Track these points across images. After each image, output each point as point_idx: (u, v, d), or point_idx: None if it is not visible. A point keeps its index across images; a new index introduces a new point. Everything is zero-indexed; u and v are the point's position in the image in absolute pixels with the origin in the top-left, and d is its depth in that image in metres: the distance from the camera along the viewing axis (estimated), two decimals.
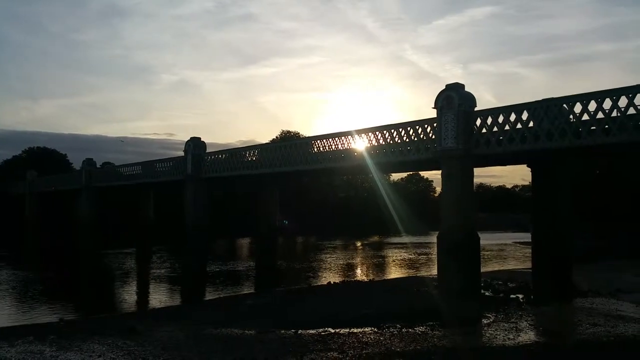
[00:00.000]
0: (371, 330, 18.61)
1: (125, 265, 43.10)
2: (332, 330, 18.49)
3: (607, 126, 22.06)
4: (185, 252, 44.24)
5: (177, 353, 15.32)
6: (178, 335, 17.90)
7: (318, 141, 37.40)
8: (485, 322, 20.43)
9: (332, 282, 32.83)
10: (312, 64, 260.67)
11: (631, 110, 21.49)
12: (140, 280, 36.79)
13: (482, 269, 31.16)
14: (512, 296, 26.58)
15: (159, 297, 28.99)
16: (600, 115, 22.40)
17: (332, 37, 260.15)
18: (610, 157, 60.80)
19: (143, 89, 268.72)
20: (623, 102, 21.68)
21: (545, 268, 28.94)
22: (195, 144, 46.03)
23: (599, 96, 22.40)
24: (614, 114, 21.93)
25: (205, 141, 46.68)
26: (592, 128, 22.58)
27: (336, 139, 35.61)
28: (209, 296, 29.59)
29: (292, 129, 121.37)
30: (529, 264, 33.13)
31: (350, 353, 15.23)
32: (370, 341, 16.85)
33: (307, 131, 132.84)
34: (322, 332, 18.30)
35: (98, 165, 69.32)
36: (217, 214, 67.12)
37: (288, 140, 62.41)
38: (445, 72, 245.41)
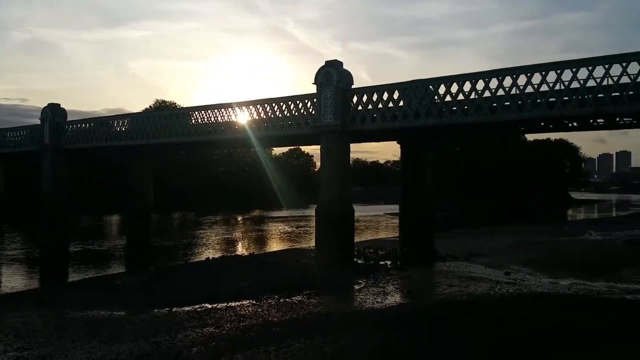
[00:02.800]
0: (249, 303, 18.67)
1: None
2: (209, 306, 18.21)
3: (466, 107, 24.26)
4: (42, 231, 40.17)
5: (33, 340, 13.95)
6: (35, 320, 16.30)
7: (197, 112, 36.04)
8: (357, 287, 21.64)
9: (210, 258, 32.26)
10: (189, 30, 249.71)
11: (487, 93, 23.88)
12: None
13: (356, 239, 32.92)
14: (381, 263, 28.40)
15: (11, 281, 25.98)
16: (460, 97, 24.55)
17: (210, 3, 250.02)
18: (470, 136, 67.26)
19: None
20: (480, 85, 23.97)
21: (411, 236, 31.47)
22: (53, 111, 41.65)
23: (460, 79, 24.48)
24: (473, 96, 24.21)
25: (66, 108, 42.48)
26: (454, 108, 24.67)
27: (216, 110, 34.62)
28: (72, 278, 27.34)
29: (168, 98, 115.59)
30: (397, 233, 35.65)
31: (227, 327, 15.15)
32: (248, 314, 16.91)
33: (184, 101, 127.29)
34: (199, 308, 17.94)
35: None
36: (82, 188, 62.03)
37: (164, 110, 59.16)
38: (325, 49, 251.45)
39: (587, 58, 21.67)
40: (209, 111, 34.91)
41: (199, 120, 35.54)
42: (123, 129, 39.96)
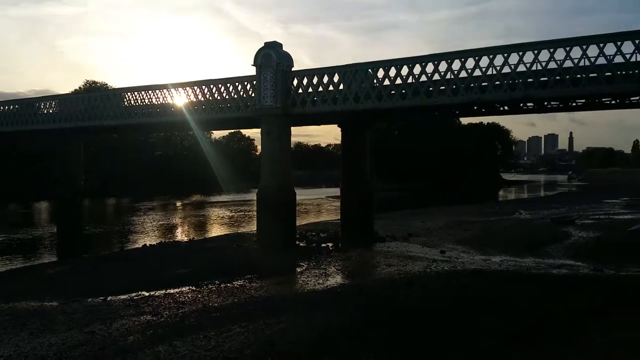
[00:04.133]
0: (189, 289, 18.36)
1: None
2: (147, 294, 17.76)
3: (404, 91, 24.73)
4: None
5: None
6: None
7: (130, 93, 34.51)
8: (299, 270, 21.78)
9: (147, 245, 31.34)
10: (123, 5, 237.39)
11: (423, 78, 24.41)
12: None
13: (298, 222, 33.02)
14: (323, 245, 28.72)
15: None
16: (399, 81, 24.97)
17: None
18: (408, 119, 68.90)
19: None
20: (417, 69, 24.44)
21: (352, 218, 31.97)
22: None
23: (398, 63, 24.86)
24: (410, 80, 24.68)
25: None
26: (392, 92, 25.06)
27: (150, 92, 33.31)
28: None
29: (99, 79, 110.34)
30: (339, 216, 36.11)
31: (166, 314, 14.81)
32: (188, 300, 16.62)
33: (117, 82, 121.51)
34: (135, 296, 17.46)
35: None
36: (7, 174, 58.30)
37: (95, 91, 56.21)
38: (266, 30, 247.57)
39: (517, 44, 22.61)
40: (143, 92, 33.54)
41: (133, 102, 34.08)
42: (51, 111, 37.65)
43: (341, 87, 26.54)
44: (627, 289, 17.10)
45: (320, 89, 26.89)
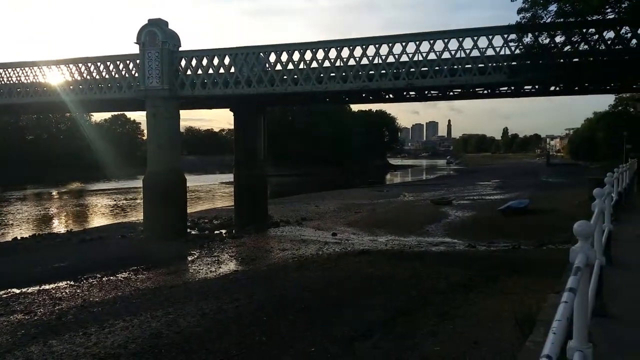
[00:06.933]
0: (67, 284, 17.04)
1: None
2: (17, 291, 16.21)
3: (296, 76, 24.86)
4: None
5: None
6: None
7: None
8: (190, 259, 21.19)
9: (19, 238, 28.37)
10: None
11: (314, 64, 24.72)
12: None
13: (190, 210, 31.99)
14: (216, 232, 28.18)
15: None
16: (290, 66, 25.03)
17: None
18: (301, 105, 69.60)
19: None
20: (308, 55, 24.69)
21: (246, 204, 31.72)
22: None
23: (289, 48, 24.90)
24: (302, 65, 24.85)
25: None
26: (285, 77, 25.08)
27: (19, 69, 29.97)
28: None
29: None
30: (233, 202, 35.57)
31: (40, 312, 13.61)
32: (65, 296, 15.42)
33: None
34: (4, 294, 15.85)
35: None
36: None
37: None
38: (153, 6, 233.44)
39: (401, 34, 23.74)
40: (11, 70, 30.04)
41: None
42: None
43: (232, 70, 25.98)
44: (496, 262, 18.98)
45: (211, 71, 26.10)
